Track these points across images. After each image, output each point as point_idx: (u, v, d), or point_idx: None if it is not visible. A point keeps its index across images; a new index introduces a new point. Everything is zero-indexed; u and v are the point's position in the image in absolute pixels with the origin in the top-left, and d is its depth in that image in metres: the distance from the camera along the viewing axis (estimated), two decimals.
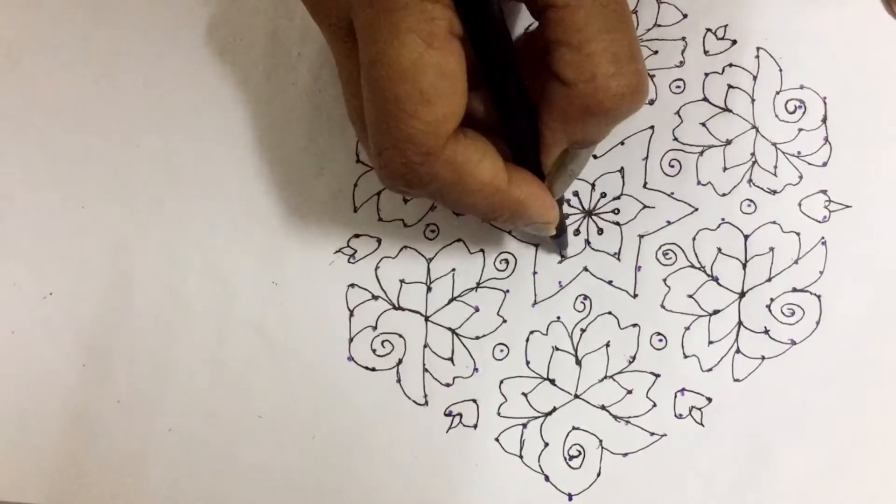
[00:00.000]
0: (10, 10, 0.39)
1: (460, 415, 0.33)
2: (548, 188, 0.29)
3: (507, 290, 0.34)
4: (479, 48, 0.26)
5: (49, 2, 0.39)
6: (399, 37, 0.24)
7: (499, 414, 0.33)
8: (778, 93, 0.35)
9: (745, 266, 0.33)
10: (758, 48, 0.35)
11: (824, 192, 0.34)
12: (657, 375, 0.33)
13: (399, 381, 0.34)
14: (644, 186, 0.34)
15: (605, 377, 0.33)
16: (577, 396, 0.33)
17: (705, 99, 0.35)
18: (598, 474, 0.32)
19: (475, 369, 0.34)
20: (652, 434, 0.32)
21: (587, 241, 0.34)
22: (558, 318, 0.34)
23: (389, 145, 0.25)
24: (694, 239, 0.34)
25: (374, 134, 0.26)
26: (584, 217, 0.35)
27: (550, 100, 0.27)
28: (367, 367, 0.34)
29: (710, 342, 0.33)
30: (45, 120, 0.38)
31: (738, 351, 0.33)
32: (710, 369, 0.33)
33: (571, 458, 0.33)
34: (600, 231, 0.34)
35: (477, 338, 0.34)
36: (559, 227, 0.31)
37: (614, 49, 0.25)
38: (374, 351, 0.34)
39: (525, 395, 0.33)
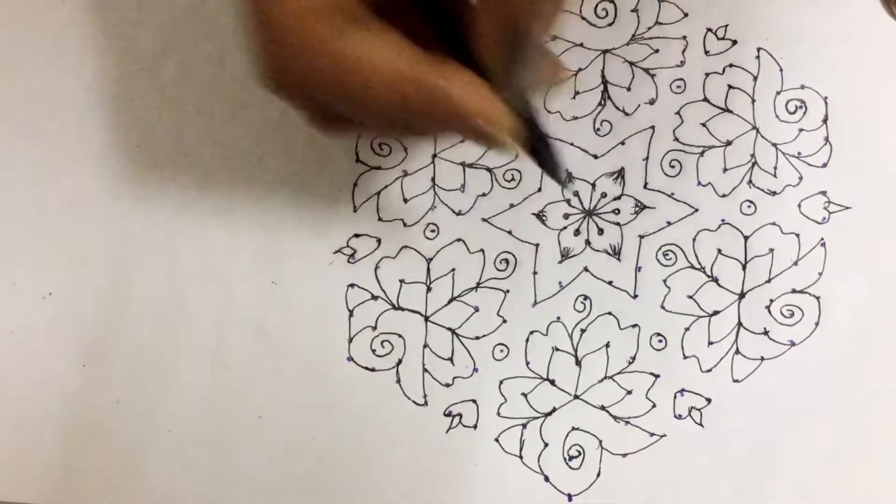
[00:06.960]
0: (11, 8, 0.39)
1: (460, 415, 0.33)
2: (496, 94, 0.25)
3: (507, 291, 0.34)
4: None
5: (49, 2, 0.39)
6: None
7: (498, 414, 0.33)
8: (778, 93, 0.35)
9: (744, 267, 0.33)
10: (758, 48, 0.35)
11: (824, 193, 0.34)
12: (657, 376, 0.33)
13: (399, 381, 0.34)
14: (644, 187, 0.34)
15: (605, 378, 0.33)
16: (576, 397, 0.33)
17: (706, 99, 0.35)
18: (598, 475, 0.32)
19: (475, 369, 0.34)
20: (651, 434, 0.32)
21: (587, 241, 0.34)
22: (558, 318, 0.34)
23: (265, 41, 0.24)
24: (694, 240, 0.34)
25: (251, 36, 0.25)
26: (584, 217, 0.35)
27: None
28: (366, 368, 0.34)
29: (710, 343, 0.33)
30: (45, 119, 0.37)
31: (737, 352, 0.33)
32: (709, 370, 0.33)
33: (571, 458, 0.33)
34: (600, 231, 0.34)
35: (477, 338, 0.34)
36: (537, 145, 0.26)
37: None
38: (373, 351, 0.34)
39: (525, 395, 0.33)
